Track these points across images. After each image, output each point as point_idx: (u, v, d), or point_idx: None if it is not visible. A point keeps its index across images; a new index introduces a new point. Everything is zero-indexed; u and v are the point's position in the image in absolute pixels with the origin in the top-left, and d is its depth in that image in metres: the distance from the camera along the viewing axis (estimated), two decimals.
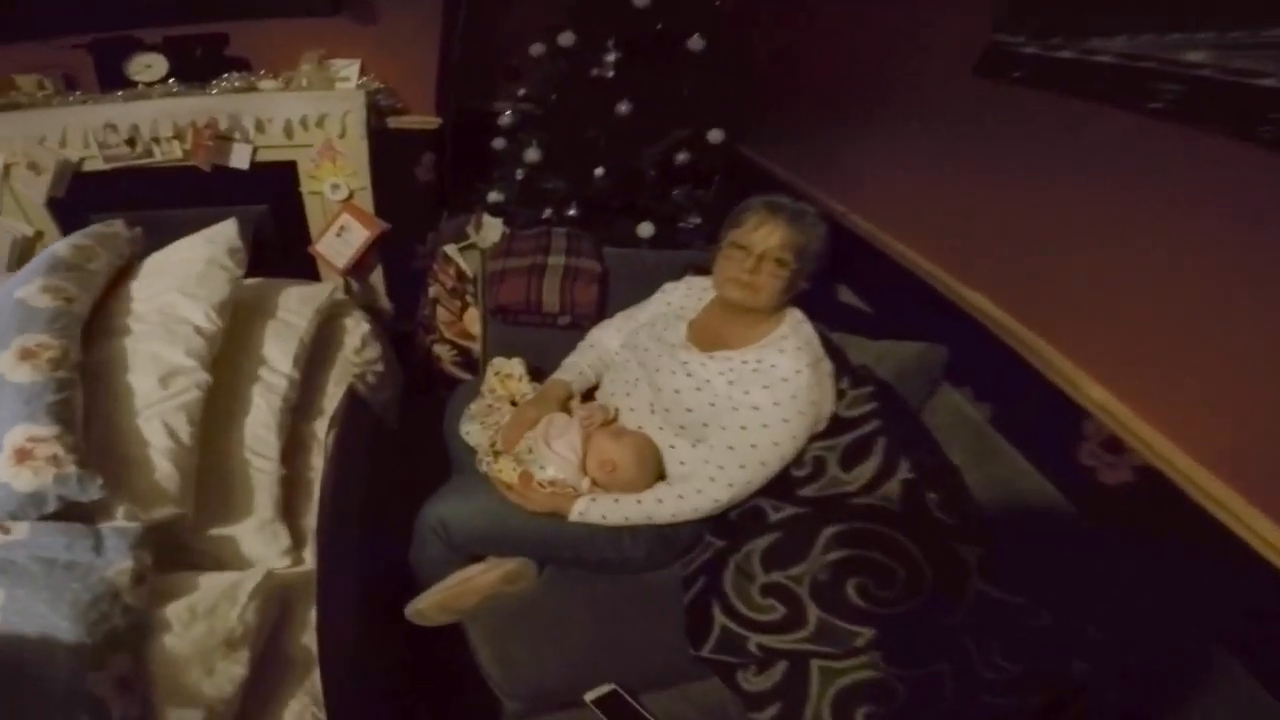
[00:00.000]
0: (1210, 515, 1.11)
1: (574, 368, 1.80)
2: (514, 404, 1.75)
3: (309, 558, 1.40)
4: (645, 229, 2.54)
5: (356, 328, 1.95)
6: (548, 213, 2.52)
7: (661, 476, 1.58)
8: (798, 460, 1.51)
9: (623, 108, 2.30)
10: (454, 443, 1.80)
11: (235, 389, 1.51)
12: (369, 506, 1.72)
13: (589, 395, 1.81)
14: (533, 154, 2.43)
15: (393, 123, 2.45)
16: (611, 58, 2.30)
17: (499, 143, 2.59)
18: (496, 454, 1.57)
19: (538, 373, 1.85)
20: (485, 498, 1.54)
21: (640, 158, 2.47)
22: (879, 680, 1.26)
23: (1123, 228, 1.31)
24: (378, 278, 2.45)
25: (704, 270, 1.74)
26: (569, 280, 2.11)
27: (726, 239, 1.55)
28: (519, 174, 2.54)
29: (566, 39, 2.27)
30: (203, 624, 1.09)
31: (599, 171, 2.44)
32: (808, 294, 1.57)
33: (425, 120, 2.50)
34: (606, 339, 1.87)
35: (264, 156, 2.27)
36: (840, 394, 1.53)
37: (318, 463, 1.57)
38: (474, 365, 2.32)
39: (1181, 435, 1.18)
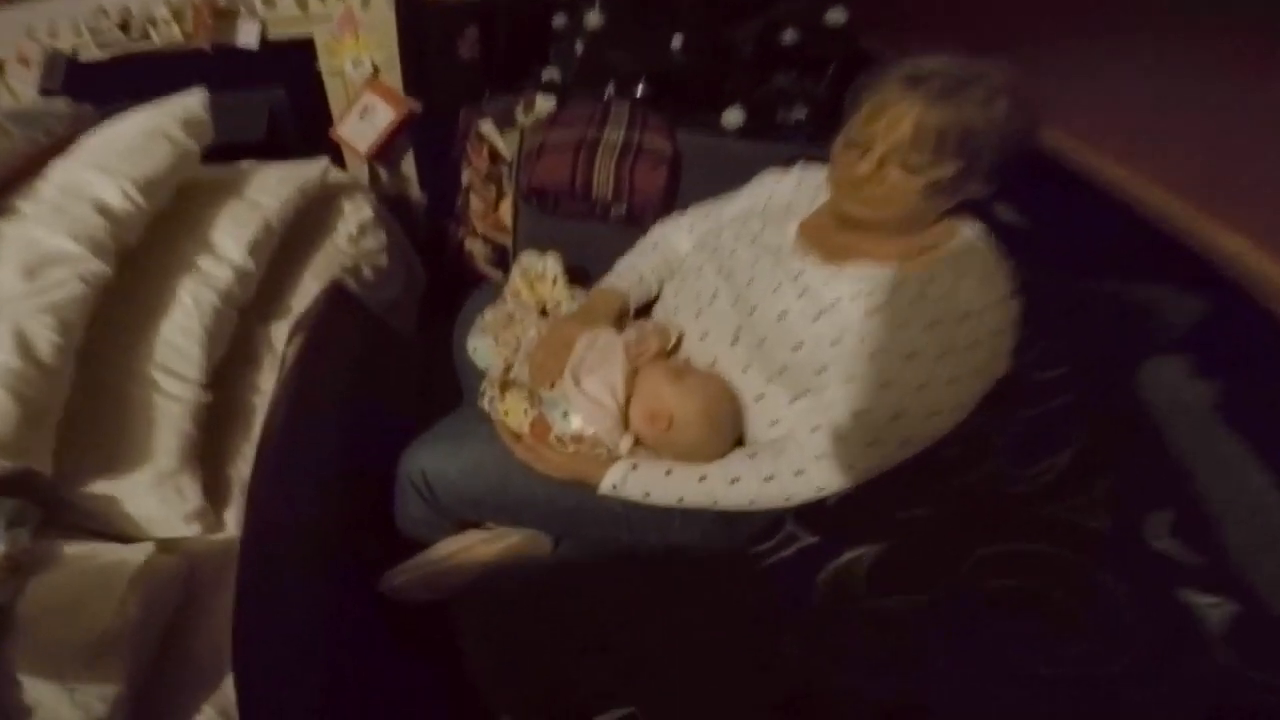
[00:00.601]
0: None
1: (631, 272, 1.30)
2: (543, 314, 1.31)
3: (232, 523, 1.04)
4: (733, 117, 1.98)
5: (355, 212, 1.55)
6: (609, 93, 2.04)
7: (739, 440, 1.08)
8: (947, 435, 0.96)
9: None
10: (465, 360, 1.36)
11: (158, 283, 1.14)
12: (346, 441, 1.34)
13: (644, 313, 1.31)
14: (594, 18, 1.93)
15: None
16: None
17: (559, 19, 2.11)
18: (505, 387, 1.13)
19: (579, 278, 1.39)
20: (482, 448, 1.11)
21: (734, 31, 1.93)
22: None
23: None
24: (409, 166, 2.06)
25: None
26: (628, 160, 1.60)
27: (846, 127, 0.99)
28: (578, 46, 2.06)
29: None
30: (62, 624, 0.78)
31: (676, 42, 1.92)
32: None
33: None
34: (675, 239, 1.36)
35: (276, 33, 1.91)
36: (1017, 348, 0.94)
37: (266, 382, 1.19)
38: (507, 264, 1.91)
39: None
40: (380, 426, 1.43)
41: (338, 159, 1.97)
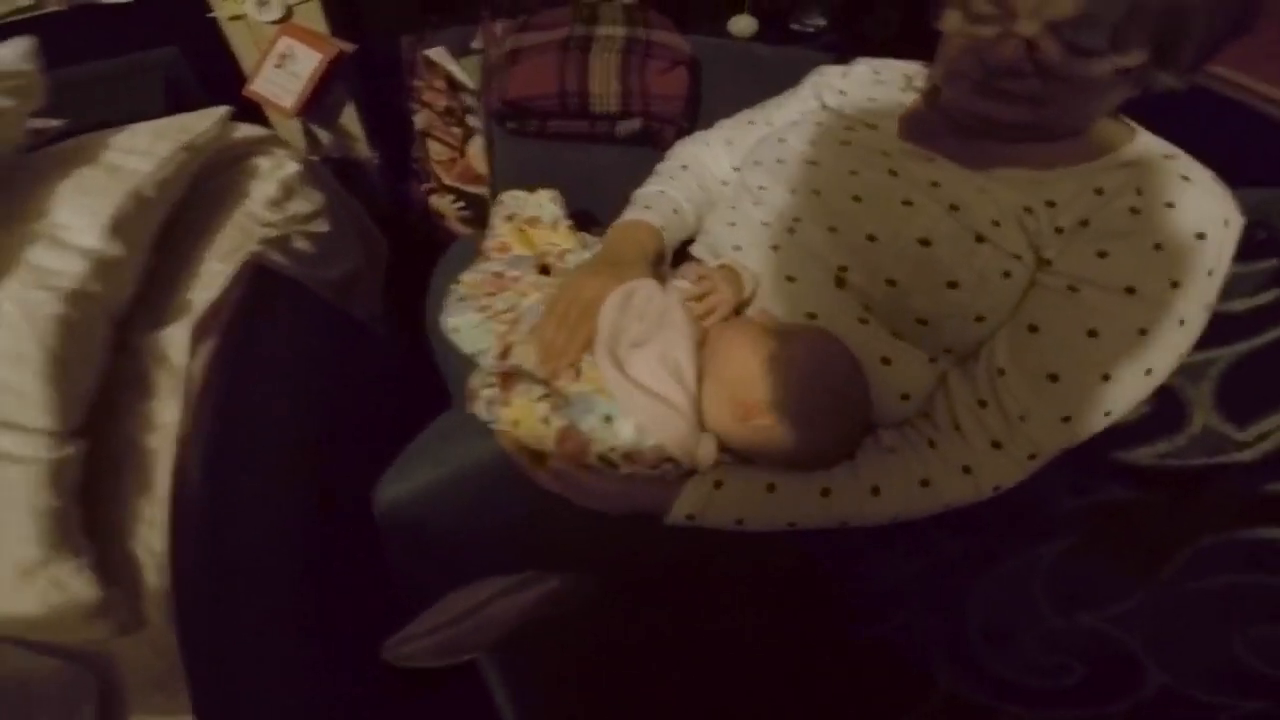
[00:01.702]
0: None
1: (661, 201, 0.90)
2: (544, 271, 0.89)
3: (159, 618, 0.66)
4: (743, 24, 1.62)
5: (274, 170, 1.09)
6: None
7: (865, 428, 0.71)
8: None
9: None
10: (441, 351, 0.95)
11: None
12: (302, 476, 0.92)
13: (679, 261, 0.90)
14: None
15: None
16: None
17: None
18: (510, 380, 0.72)
19: (583, 223, 0.97)
20: (485, 472, 0.72)
21: None
22: None
23: None
24: (351, 120, 1.62)
25: None
26: (635, 59, 1.16)
27: None
28: None
29: None
30: None
31: None
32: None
33: None
34: (708, 158, 0.97)
35: None
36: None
37: (167, 414, 0.78)
38: (485, 215, 1.50)
39: None
40: (349, 448, 1.02)
41: (263, 122, 1.53)
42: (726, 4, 1.61)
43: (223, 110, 1.07)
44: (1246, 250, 0.69)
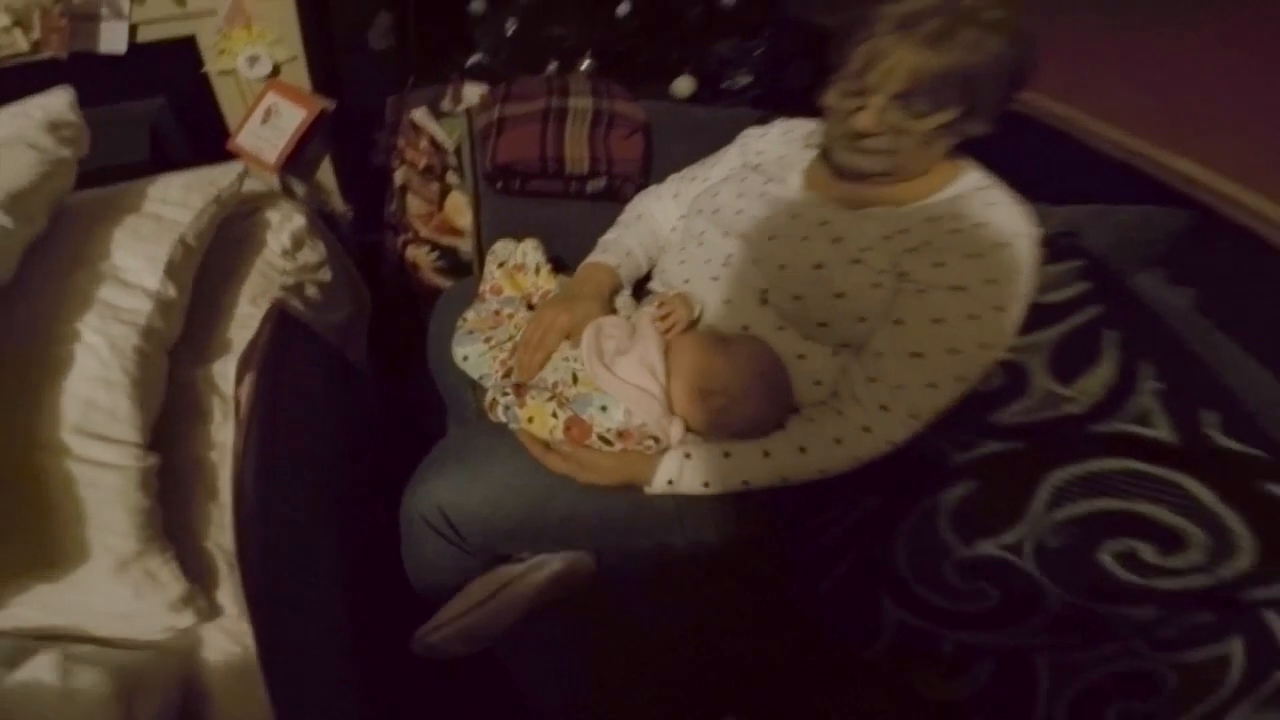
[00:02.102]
0: None
1: (618, 246, 1.14)
2: (530, 307, 1.09)
3: (230, 604, 0.77)
4: (683, 85, 1.87)
5: (284, 223, 1.24)
6: (551, 70, 1.83)
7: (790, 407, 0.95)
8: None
9: None
10: (448, 376, 1.13)
11: (52, 327, 0.83)
12: (326, 492, 1.06)
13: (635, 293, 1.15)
14: None
15: None
16: None
17: (477, 4, 1.89)
18: (520, 392, 0.92)
19: (559, 266, 1.19)
20: (506, 468, 0.91)
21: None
22: (1143, 670, 0.79)
23: None
24: (327, 175, 1.74)
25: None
26: (601, 128, 1.40)
27: (838, 78, 0.91)
28: (509, 26, 1.84)
29: None
30: None
31: (623, 9, 1.75)
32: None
33: None
34: (658, 210, 1.22)
35: (148, 35, 1.55)
36: None
37: (222, 435, 0.90)
38: (464, 270, 1.65)
39: None
40: (353, 474, 1.16)
41: None
42: (668, 67, 1.85)
43: (240, 166, 1.20)
44: (1058, 253, 0.98)
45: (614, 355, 0.91)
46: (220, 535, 0.81)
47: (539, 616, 0.96)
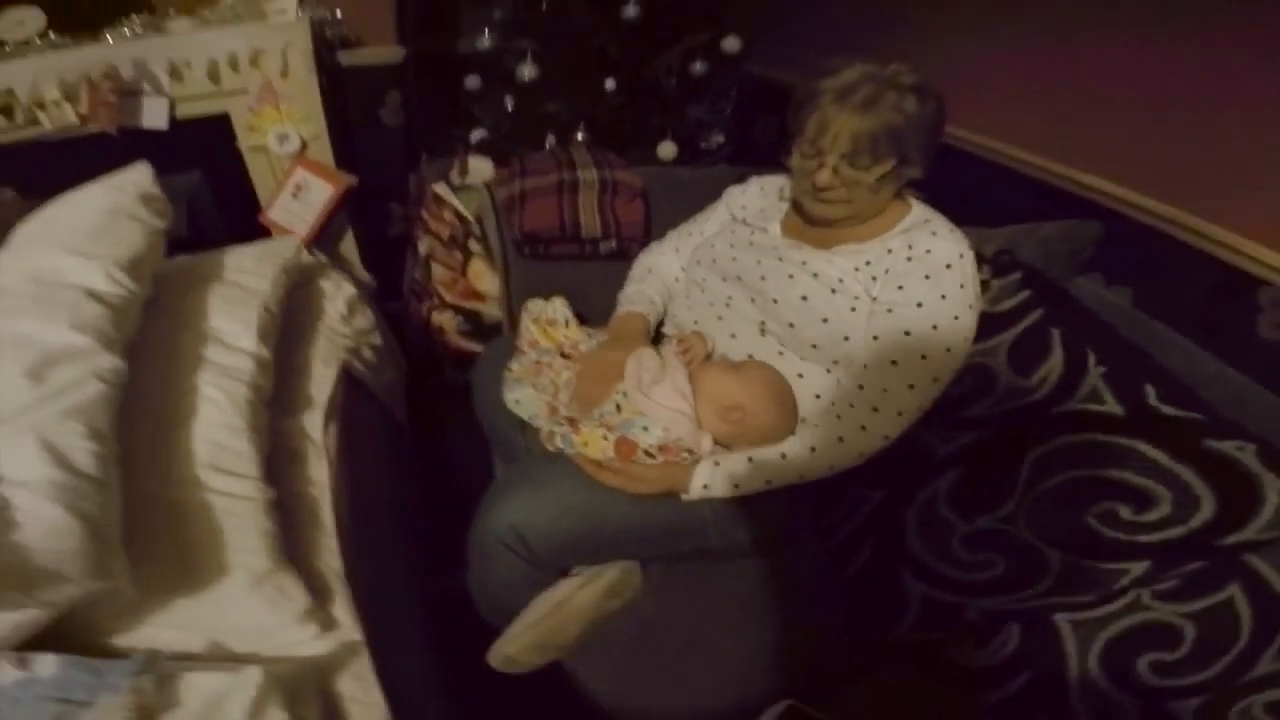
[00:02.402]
0: None
1: (640, 298, 1.33)
2: (564, 356, 1.24)
3: (345, 616, 0.88)
4: (667, 150, 2.10)
5: (338, 291, 1.39)
6: (550, 142, 2.03)
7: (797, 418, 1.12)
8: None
9: (630, 10, 1.89)
10: (496, 420, 1.28)
11: (172, 381, 0.95)
12: (401, 526, 1.18)
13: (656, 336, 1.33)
14: (528, 70, 1.93)
15: (345, 58, 1.89)
16: None
17: (473, 81, 2.09)
18: (572, 423, 1.08)
19: (581, 320, 1.35)
20: (566, 487, 1.05)
21: (654, 68, 2.02)
22: (1156, 622, 0.91)
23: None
24: (349, 247, 1.88)
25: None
26: (608, 196, 1.59)
27: (796, 144, 1.11)
28: (508, 102, 2.04)
29: None
30: None
31: (610, 84, 1.96)
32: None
33: (385, 53, 1.93)
34: (664, 264, 1.41)
35: (186, 110, 1.68)
36: (983, 286, 1.13)
37: (319, 474, 1.02)
38: (486, 332, 1.79)
39: None
40: (412, 517, 1.29)
41: None
42: (651, 133, 2.08)
43: (296, 239, 1.34)
44: (1000, 269, 1.18)
45: (650, 384, 1.08)
46: (329, 558, 0.93)
47: (600, 624, 1.09)
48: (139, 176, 1.19)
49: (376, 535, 1.06)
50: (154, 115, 1.66)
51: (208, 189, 1.74)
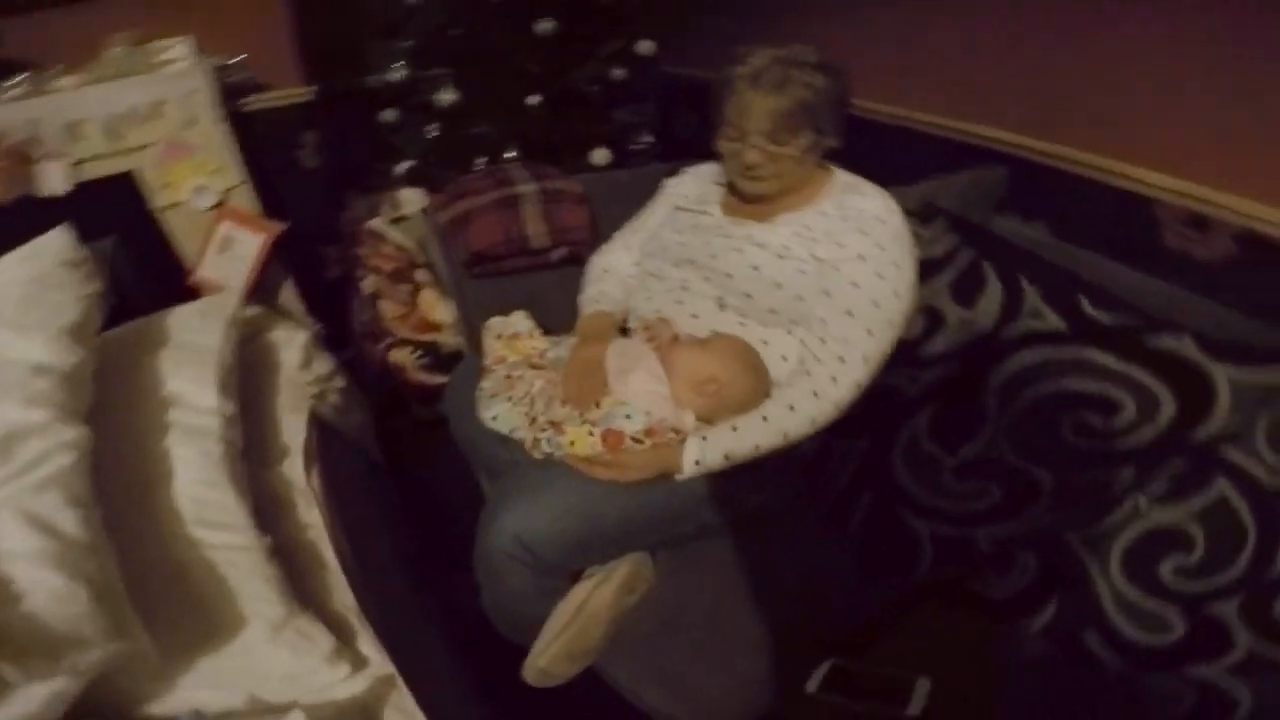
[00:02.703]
0: None
1: (603, 297, 1.36)
2: (534, 366, 1.25)
3: (372, 652, 0.86)
4: (601, 156, 2.14)
5: (291, 339, 1.35)
6: (480, 164, 2.02)
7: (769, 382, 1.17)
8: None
9: (544, 25, 1.91)
10: (478, 441, 1.27)
11: (141, 449, 0.91)
12: (402, 559, 1.15)
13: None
14: (447, 95, 1.91)
15: (253, 103, 1.84)
16: None
17: (389, 114, 2.05)
18: (555, 426, 1.09)
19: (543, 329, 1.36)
20: (561, 488, 1.06)
21: (574, 79, 2.06)
22: (1161, 527, 0.96)
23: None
24: (290, 297, 1.78)
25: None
26: (551, 205, 1.60)
27: (722, 129, 1.17)
28: (431, 130, 2.02)
29: None
30: None
31: (534, 100, 1.97)
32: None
33: (295, 93, 1.90)
34: (617, 262, 1.43)
35: (90, 172, 1.60)
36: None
37: (311, 517, 0.99)
38: (446, 363, 1.76)
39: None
40: (408, 552, 1.25)
41: None
42: (582, 142, 2.10)
43: (235, 294, 1.30)
44: (925, 219, 1.28)
45: (625, 373, 1.10)
46: (341, 596, 0.90)
47: (622, 621, 1.08)
48: (57, 241, 1.13)
49: (380, 570, 1.03)
50: (51, 180, 1.56)
51: (125, 255, 1.65)
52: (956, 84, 1.51)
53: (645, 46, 2.12)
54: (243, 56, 1.78)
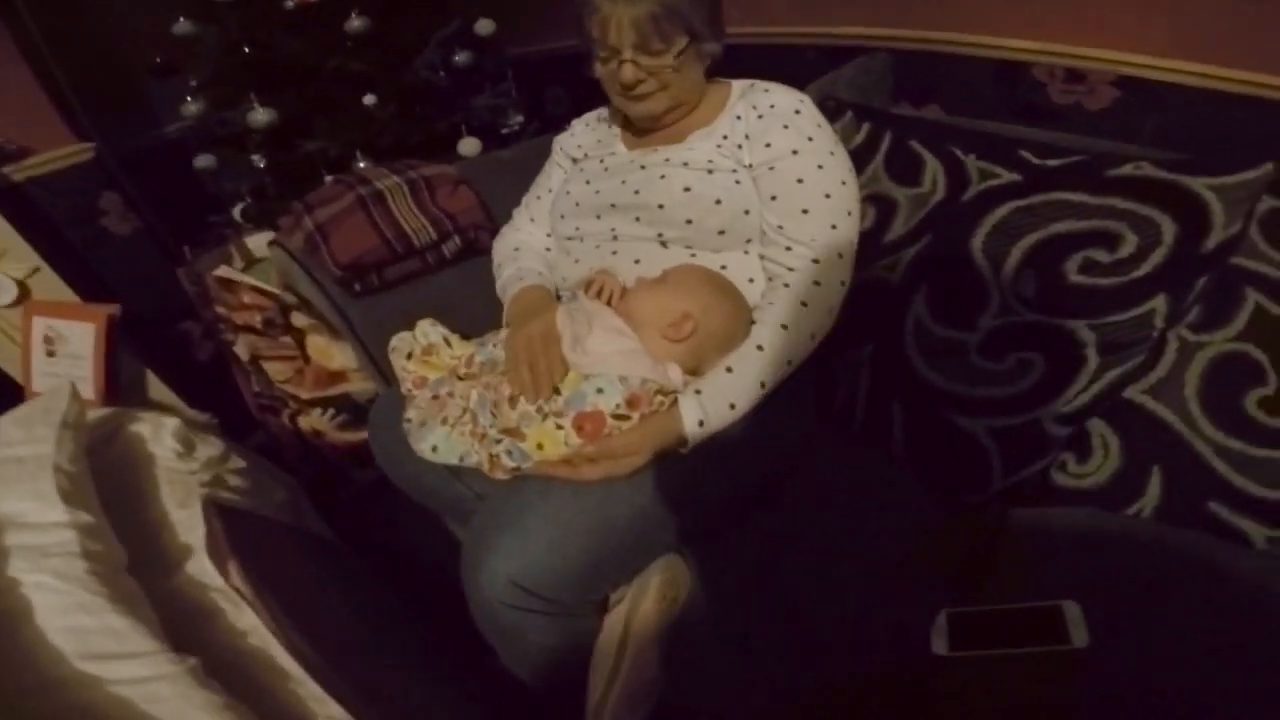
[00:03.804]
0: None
1: (526, 273, 1.21)
2: (462, 378, 1.05)
3: None
4: (469, 146, 1.98)
5: (159, 430, 1.10)
6: (329, 181, 1.80)
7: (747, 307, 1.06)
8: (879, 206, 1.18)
9: (355, 23, 1.73)
10: (425, 482, 1.09)
11: None
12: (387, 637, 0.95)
13: None
14: (261, 116, 1.69)
15: (19, 172, 1.57)
16: None
17: (204, 160, 1.83)
18: (513, 433, 0.90)
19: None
20: (548, 510, 0.87)
21: (414, 70, 1.88)
22: (1222, 355, 0.91)
23: None
24: (160, 389, 1.51)
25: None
26: (424, 194, 1.41)
27: (594, 50, 1.09)
28: (257, 160, 1.79)
29: None
30: None
31: (370, 100, 1.78)
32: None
33: (71, 152, 1.63)
34: (527, 238, 1.30)
35: None
36: None
37: (246, 620, 0.78)
38: (367, 413, 1.54)
39: (1135, 38, 1.20)
40: (384, 633, 1.06)
41: None
42: (442, 136, 1.94)
43: (67, 386, 1.05)
44: (832, 114, 1.24)
45: (578, 341, 0.94)
46: (317, 706, 0.70)
47: (671, 636, 0.91)
48: None
49: (362, 657, 0.82)
50: None
51: None
52: None
53: (484, 25, 2.01)
54: None
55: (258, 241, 1.69)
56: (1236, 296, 0.92)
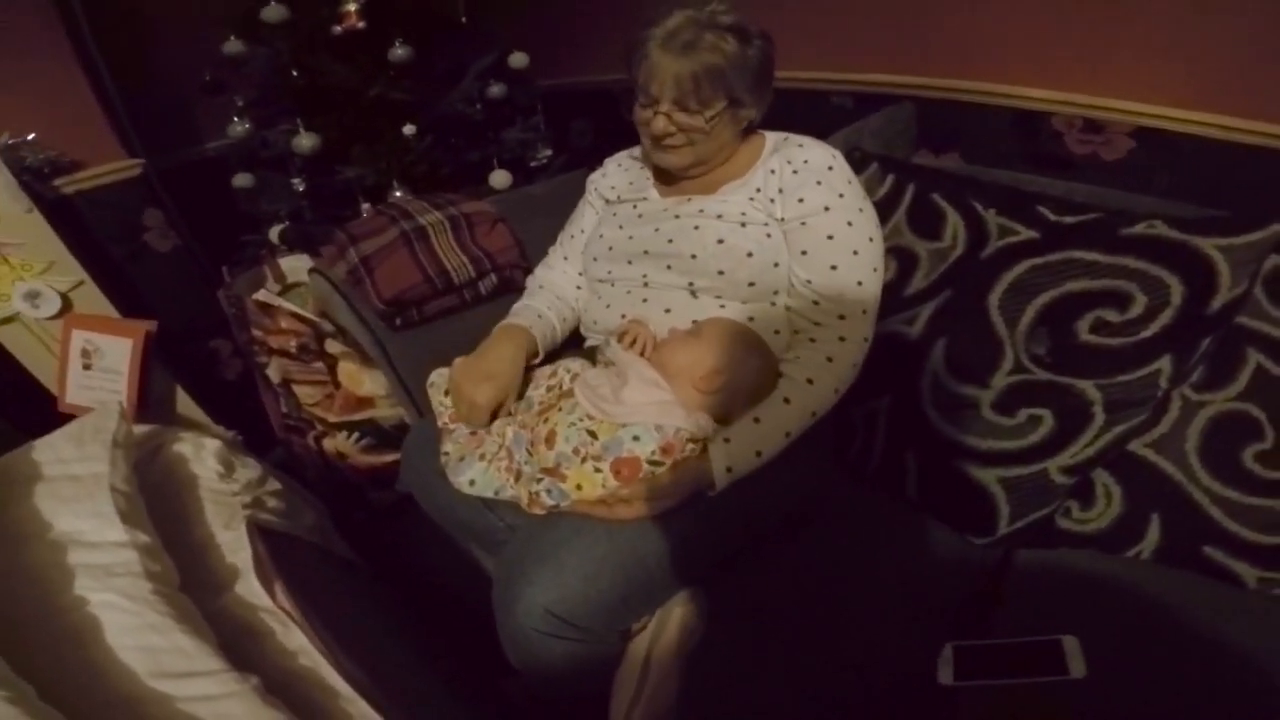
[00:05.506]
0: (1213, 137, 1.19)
1: (527, 311, 1.27)
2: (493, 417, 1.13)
3: None
4: (500, 179, 2.06)
5: (200, 450, 1.17)
6: (366, 209, 1.89)
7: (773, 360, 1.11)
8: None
9: (399, 51, 1.84)
10: (459, 513, 1.15)
11: (46, 608, 0.73)
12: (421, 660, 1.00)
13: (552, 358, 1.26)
14: (306, 141, 1.78)
15: (69, 185, 1.65)
16: (353, 5, 1.78)
17: (243, 179, 1.91)
18: (553, 473, 0.96)
19: None
20: (583, 545, 0.94)
21: (451, 101, 1.98)
22: (1223, 414, 0.98)
23: None
24: (189, 406, 1.56)
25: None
26: (464, 232, 1.48)
27: (636, 97, 1.14)
28: (297, 183, 1.88)
29: (274, 13, 1.74)
30: None
31: (409, 130, 1.86)
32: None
33: (119, 167, 1.71)
34: (557, 277, 1.35)
35: None
36: None
37: (295, 640, 0.84)
38: (391, 437, 1.60)
39: (1152, 88, 1.26)
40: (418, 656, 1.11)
41: None
42: (475, 167, 2.04)
43: (115, 406, 1.12)
44: (859, 166, 1.32)
45: (614, 392, 1.00)
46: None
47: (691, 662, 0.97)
48: None
49: (403, 680, 0.88)
50: None
51: None
52: (838, 39, 1.66)
53: (518, 59, 2.12)
54: (31, 136, 1.58)
55: (291, 264, 1.76)
56: (1238, 357, 0.98)
